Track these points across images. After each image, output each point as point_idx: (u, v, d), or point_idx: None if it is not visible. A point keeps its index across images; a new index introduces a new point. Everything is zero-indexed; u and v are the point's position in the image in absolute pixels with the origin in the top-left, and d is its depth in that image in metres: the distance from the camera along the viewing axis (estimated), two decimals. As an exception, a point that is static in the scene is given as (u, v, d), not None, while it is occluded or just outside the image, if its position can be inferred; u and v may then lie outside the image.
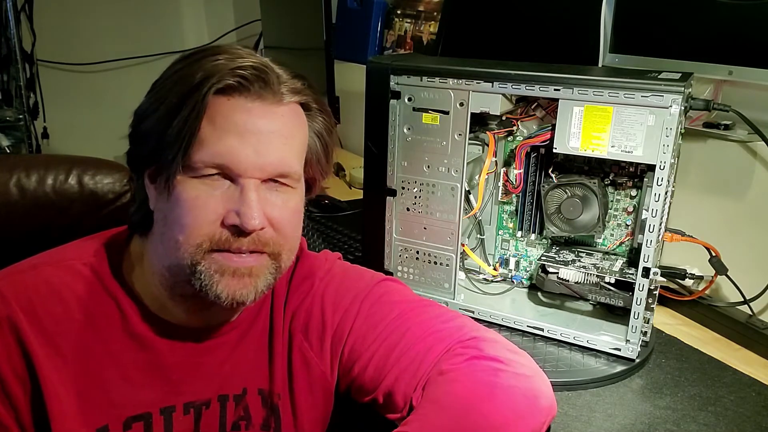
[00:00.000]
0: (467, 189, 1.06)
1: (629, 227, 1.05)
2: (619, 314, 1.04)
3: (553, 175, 1.04)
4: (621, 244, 1.06)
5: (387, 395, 0.75)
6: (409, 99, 1.03)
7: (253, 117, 0.68)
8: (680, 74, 0.90)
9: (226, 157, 0.66)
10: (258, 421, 0.78)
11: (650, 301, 0.95)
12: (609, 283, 1.01)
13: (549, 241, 1.12)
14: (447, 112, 1.01)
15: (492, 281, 1.17)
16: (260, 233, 0.68)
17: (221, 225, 0.67)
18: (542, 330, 1.03)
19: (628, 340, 0.96)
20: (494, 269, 1.16)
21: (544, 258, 1.06)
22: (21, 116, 2.30)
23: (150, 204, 0.72)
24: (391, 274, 1.13)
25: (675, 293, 1.14)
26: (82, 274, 0.73)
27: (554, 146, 0.95)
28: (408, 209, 1.09)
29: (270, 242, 0.69)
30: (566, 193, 1.03)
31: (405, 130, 1.05)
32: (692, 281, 1.08)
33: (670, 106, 0.86)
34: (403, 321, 0.77)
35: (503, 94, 0.98)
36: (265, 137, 0.68)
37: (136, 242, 0.77)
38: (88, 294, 0.73)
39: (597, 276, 1.01)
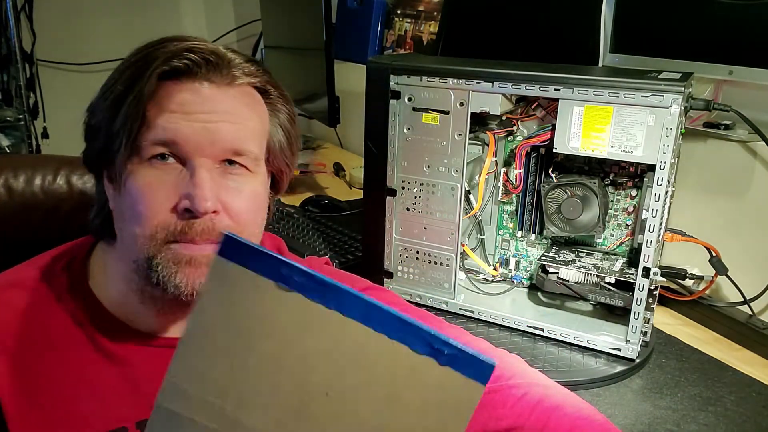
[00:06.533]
0: (467, 189, 1.06)
1: (629, 227, 1.05)
2: (619, 314, 1.04)
3: (553, 175, 1.04)
4: (621, 244, 1.06)
5: None
6: (409, 99, 1.03)
7: (201, 97, 0.65)
8: (680, 74, 0.90)
9: (173, 134, 0.63)
10: None
11: (650, 301, 0.95)
12: (609, 283, 1.01)
13: (549, 241, 1.12)
14: (447, 112, 1.01)
15: (492, 281, 1.17)
16: (215, 220, 0.65)
17: (174, 212, 0.64)
18: (542, 330, 1.03)
19: (628, 340, 0.96)
20: (494, 269, 1.16)
21: (544, 258, 1.06)
22: (21, 116, 2.30)
23: (110, 204, 0.69)
24: (391, 274, 1.13)
25: (675, 293, 1.14)
26: (43, 294, 0.70)
27: (554, 146, 0.95)
28: (408, 209, 1.09)
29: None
30: (566, 193, 1.03)
31: (405, 130, 1.05)
32: (692, 281, 1.08)
33: (670, 106, 0.86)
34: None
35: (503, 94, 0.98)
36: (215, 116, 0.65)
37: (98, 251, 0.74)
38: (50, 313, 0.69)
39: (597, 276, 1.01)
